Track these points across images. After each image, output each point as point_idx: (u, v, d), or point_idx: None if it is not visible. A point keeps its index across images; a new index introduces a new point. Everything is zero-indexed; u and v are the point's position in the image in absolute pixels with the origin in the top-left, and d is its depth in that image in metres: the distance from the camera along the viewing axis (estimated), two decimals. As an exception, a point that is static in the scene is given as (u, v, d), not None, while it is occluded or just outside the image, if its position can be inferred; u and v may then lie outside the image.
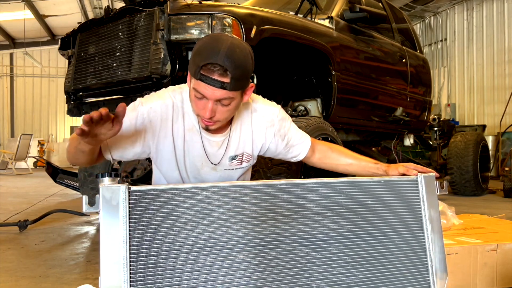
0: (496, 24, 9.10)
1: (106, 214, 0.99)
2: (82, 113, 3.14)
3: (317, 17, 3.26)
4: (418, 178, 1.29)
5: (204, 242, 1.06)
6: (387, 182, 1.27)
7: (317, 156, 1.56)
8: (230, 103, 1.25)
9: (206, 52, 1.17)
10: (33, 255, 2.57)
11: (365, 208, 1.23)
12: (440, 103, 10.19)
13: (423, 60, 4.73)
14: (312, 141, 1.57)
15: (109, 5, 3.42)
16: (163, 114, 1.35)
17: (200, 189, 1.08)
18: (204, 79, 1.18)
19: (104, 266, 0.97)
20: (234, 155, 1.45)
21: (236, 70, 1.18)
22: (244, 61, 1.21)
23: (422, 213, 1.28)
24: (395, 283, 1.21)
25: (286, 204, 1.15)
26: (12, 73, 14.76)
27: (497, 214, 3.10)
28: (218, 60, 1.15)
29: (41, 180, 7.79)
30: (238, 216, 1.10)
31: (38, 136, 13.59)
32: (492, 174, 6.91)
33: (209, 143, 1.41)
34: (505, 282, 1.86)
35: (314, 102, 3.29)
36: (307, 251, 1.15)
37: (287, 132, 1.50)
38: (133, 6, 2.60)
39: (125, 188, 1.00)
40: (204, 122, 1.30)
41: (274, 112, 1.48)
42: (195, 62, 1.19)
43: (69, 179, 4.08)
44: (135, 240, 1.00)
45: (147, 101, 1.37)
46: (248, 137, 1.45)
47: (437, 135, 5.79)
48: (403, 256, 1.24)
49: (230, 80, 1.18)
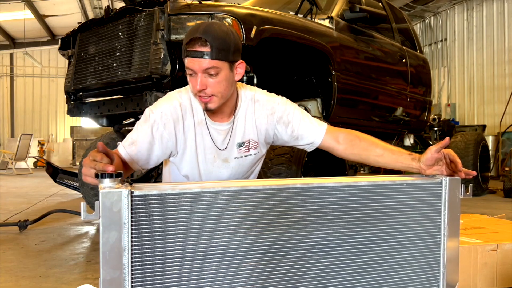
0: (496, 24, 9.09)
1: (107, 221, 0.92)
2: (82, 113, 3.14)
3: (317, 17, 3.26)
4: (443, 181, 1.20)
5: (210, 250, 0.99)
6: (409, 185, 1.18)
7: (343, 147, 1.49)
8: (218, 73, 1.34)
9: (189, 32, 1.34)
10: (33, 255, 2.57)
11: (383, 213, 1.15)
12: (440, 103, 10.19)
13: (423, 60, 4.73)
14: (334, 130, 1.52)
15: (109, 5, 3.42)
16: (173, 115, 1.44)
17: (209, 193, 1.00)
18: (188, 54, 1.32)
19: (105, 275, 0.92)
20: (241, 141, 1.53)
21: (215, 40, 1.30)
22: (223, 34, 1.33)
23: (441, 218, 1.19)
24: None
25: (300, 209, 1.07)
26: (12, 73, 14.75)
27: (497, 214, 3.10)
28: (198, 34, 1.30)
29: (41, 180, 7.79)
30: (248, 222, 1.03)
31: (38, 136, 13.58)
32: (492, 174, 6.91)
33: (217, 132, 1.50)
34: (505, 282, 1.86)
35: (314, 102, 3.29)
36: (318, 258, 1.08)
37: (291, 120, 1.53)
38: (133, 6, 2.60)
39: (128, 193, 0.93)
40: (202, 100, 1.38)
41: (276, 101, 1.55)
42: (183, 45, 1.35)
43: (69, 179, 4.08)
44: (137, 248, 0.94)
45: (156, 107, 1.46)
46: (252, 125, 1.53)
47: (437, 135, 5.79)
48: (416, 261, 1.18)
49: (211, 49, 1.30)
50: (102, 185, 0.94)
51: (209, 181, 1.52)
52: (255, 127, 1.53)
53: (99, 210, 0.92)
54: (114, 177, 0.94)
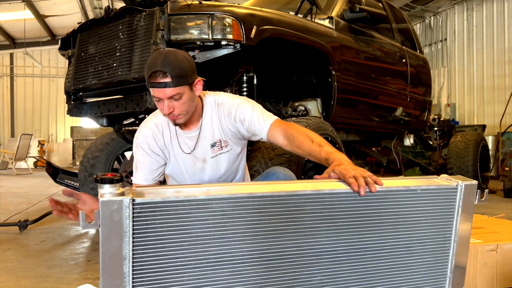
0: (496, 24, 9.09)
1: (107, 231, 0.87)
2: (82, 113, 3.14)
3: (317, 17, 3.26)
4: (459, 186, 1.16)
5: (215, 259, 0.96)
6: (424, 190, 1.14)
7: (285, 143, 1.59)
8: (181, 96, 1.53)
9: (149, 66, 1.50)
10: (33, 255, 2.57)
11: (394, 218, 1.12)
12: (440, 103, 10.19)
13: (423, 60, 4.73)
14: (276, 126, 1.61)
15: (109, 5, 3.42)
16: (153, 134, 1.71)
17: (215, 200, 0.96)
18: (153, 85, 1.50)
19: (105, 283, 0.89)
20: (213, 142, 1.74)
21: (173, 70, 1.47)
22: (179, 62, 1.50)
23: (453, 223, 1.16)
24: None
25: (309, 216, 1.03)
26: (12, 73, 14.75)
27: (497, 214, 3.10)
28: (157, 67, 1.47)
29: (41, 180, 7.79)
30: (254, 230, 0.99)
31: (38, 136, 13.57)
32: (492, 174, 6.91)
33: (188, 139, 1.73)
34: (505, 282, 1.86)
35: (314, 102, 3.29)
36: (326, 265, 1.06)
37: (245, 118, 1.67)
38: (133, 6, 2.60)
39: (129, 201, 0.88)
40: (170, 118, 1.60)
41: (234, 102, 1.71)
42: (146, 77, 1.52)
43: (69, 179, 4.07)
44: (139, 257, 0.90)
45: (138, 134, 1.73)
46: (218, 126, 1.73)
47: (437, 135, 5.79)
48: (424, 266, 1.15)
49: (171, 79, 1.48)
50: (102, 192, 0.89)
51: (212, 184, 1.52)
52: (220, 128, 1.73)
53: (98, 219, 0.87)
54: (114, 183, 0.90)
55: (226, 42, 2.38)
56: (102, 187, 0.89)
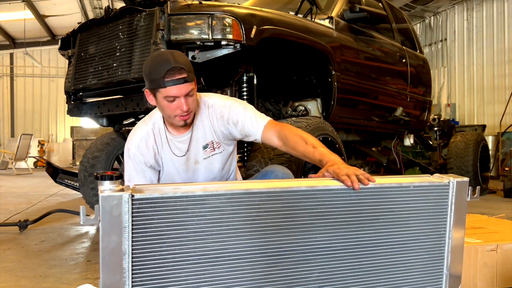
0: (496, 24, 9.09)
1: (107, 226, 0.89)
2: (82, 113, 3.14)
3: (317, 17, 3.26)
4: (451, 183, 1.18)
5: (212, 254, 0.98)
6: (416, 187, 1.16)
7: (280, 143, 1.60)
8: (193, 92, 1.54)
9: (159, 66, 1.47)
10: (33, 255, 2.57)
11: (389, 215, 1.13)
12: (440, 103, 10.18)
13: (423, 60, 4.73)
14: (270, 127, 1.62)
15: (109, 5, 3.42)
16: (147, 142, 1.67)
17: (212, 196, 0.98)
18: (170, 83, 1.46)
19: (105, 279, 0.90)
20: (205, 144, 1.72)
21: (186, 65, 1.49)
22: (186, 58, 1.53)
23: (447, 220, 1.18)
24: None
25: (305, 212, 1.05)
26: (12, 73, 14.75)
27: (497, 214, 3.10)
28: (172, 64, 1.45)
29: (41, 180, 7.79)
30: (251, 225, 1.01)
31: (38, 136, 13.57)
32: (492, 174, 6.91)
33: (180, 142, 1.71)
34: (505, 282, 1.86)
35: (314, 102, 3.29)
36: (322, 261, 1.07)
37: (238, 119, 1.67)
38: (133, 6, 2.60)
39: (128, 197, 0.90)
40: (181, 119, 1.56)
41: (226, 104, 1.70)
42: (154, 78, 1.47)
43: (69, 179, 4.08)
44: (138, 252, 0.92)
45: (130, 143, 1.68)
46: (210, 128, 1.72)
47: (437, 135, 5.79)
48: (420, 263, 1.17)
49: (187, 74, 1.48)
50: (102, 188, 0.91)
51: (212, 182, 1.57)
52: (212, 130, 1.72)
53: (98, 214, 0.89)
54: (114, 179, 0.92)
55: (226, 42, 2.38)
56: (102, 184, 0.92)
